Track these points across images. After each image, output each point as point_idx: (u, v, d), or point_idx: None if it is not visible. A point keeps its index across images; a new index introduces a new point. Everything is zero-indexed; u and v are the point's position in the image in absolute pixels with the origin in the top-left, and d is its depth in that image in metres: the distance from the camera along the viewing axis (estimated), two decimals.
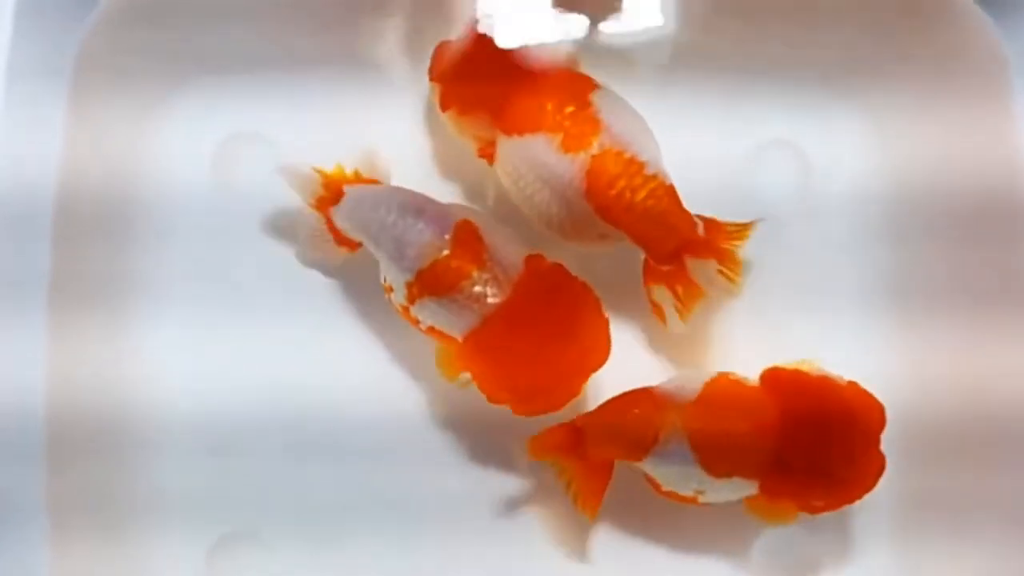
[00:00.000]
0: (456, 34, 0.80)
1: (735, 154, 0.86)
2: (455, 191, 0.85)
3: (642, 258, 0.78)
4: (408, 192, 0.79)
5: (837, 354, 0.79)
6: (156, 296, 0.83)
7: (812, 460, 0.75)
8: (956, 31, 0.82)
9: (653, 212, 0.75)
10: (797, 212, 0.86)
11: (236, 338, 0.83)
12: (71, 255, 0.79)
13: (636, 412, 0.76)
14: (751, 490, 0.76)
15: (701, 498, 0.77)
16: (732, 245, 0.76)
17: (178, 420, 0.82)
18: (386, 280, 0.77)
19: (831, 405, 0.75)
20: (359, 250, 0.80)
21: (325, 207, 0.80)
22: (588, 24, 0.85)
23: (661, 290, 0.78)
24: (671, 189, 0.76)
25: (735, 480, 0.75)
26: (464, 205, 0.82)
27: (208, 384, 0.82)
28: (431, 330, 0.76)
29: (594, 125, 0.76)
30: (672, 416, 0.75)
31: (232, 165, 0.85)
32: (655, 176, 0.76)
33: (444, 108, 0.79)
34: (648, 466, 0.76)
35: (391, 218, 0.76)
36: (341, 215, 0.79)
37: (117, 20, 0.80)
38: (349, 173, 0.80)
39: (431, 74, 0.80)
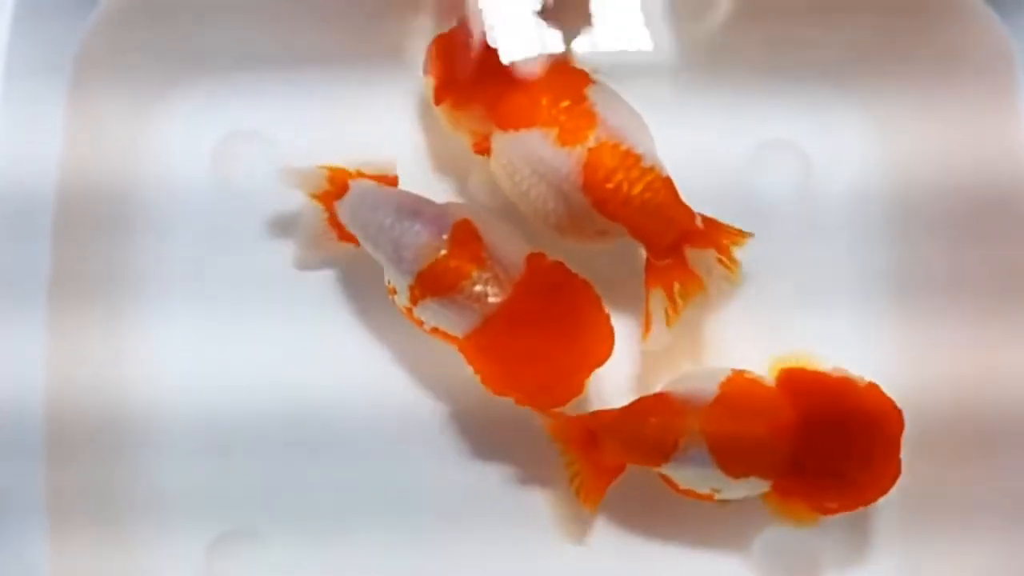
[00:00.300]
0: (451, 29, 0.80)
1: (737, 153, 0.86)
2: (455, 188, 0.85)
3: (641, 256, 0.78)
4: (405, 194, 0.79)
5: (838, 351, 0.78)
6: (155, 294, 0.84)
7: (828, 461, 0.75)
8: (961, 28, 0.82)
9: (651, 205, 0.75)
10: (798, 211, 0.86)
11: (236, 336, 0.83)
12: (71, 253, 0.79)
13: (655, 421, 0.75)
14: (766, 488, 0.75)
15: (717, 495, 0.76)
16: (729, 240, 0.76)
17: (178, 417, 0.82)
18: (390, 282, 0.77)
19: (849, 407, 0.75)
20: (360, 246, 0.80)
21: (330, 201, 0.79)
22: (588, 23, 0.85)
23: (658, 297, 0.77)
24: (668, 181, 0.76)
25: (752, 480, 0.75)
26: (463, 204, 0.82)
27: (208, 381, 0.82)
28: (435, 331, 0.76)
29: (590, 119, 0.75)
30: (691, 421, 0.75)
31: (232, 163, 0.85)
32: (652, 168, 0.75)
33: (438, 102, 0.79)
34: (667, 469, 0.76)
35: (388, 220, 0.76)
36: (345, 209, 0.79)
37: (117, 18, 0.80)
38: (352, 170, 0.80)
39: (425, 69, 0.80)
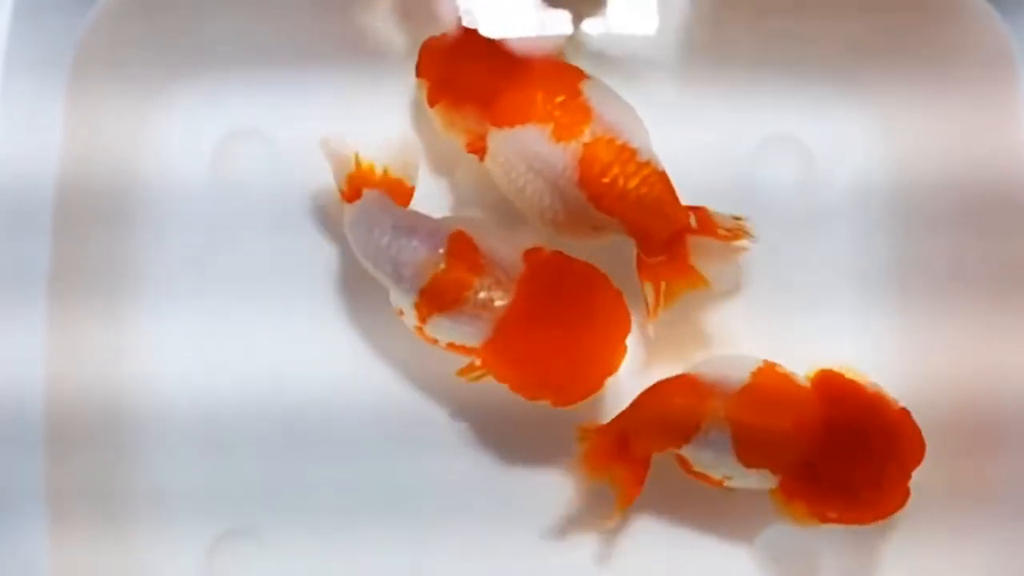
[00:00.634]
0: (445, 29, 0.81)
1: (739, 148, 0.86)
2: (454, 186, 0.85)
3: (635, 253, 0.78)
4: (400, 212, 0.78)
5: (839, 345, 0.79)
6: (155, 291, 0.84)
7: (840, 472, 0.74)
8: (962, 25, 0.81)
9: (646, 200, 0.75)
10: (800, 205, 0.86)
11: (235, 332, 0.83)
12: (70, 249, 0.79)
13: (679, 401, 0.75)
14: (775, 483, 0.75)
15: (728, 483, 0.76)
16: (725, 231, 0.76)
17: (178, 414, 0.82)
18: (396, 304, 0.77)
19: (876, 424, 0.75)
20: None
21: (344, 200, 0.79)
22: (589, 19, 0.85)
23: (647, 285, 0.77)
24: (664, 176, 0.76)
25: (764, 472, 0.75)
26: (457, 216, 0.82)
27: (207, 378, 0.82)
28: (451, 346, 0.76)
29: (585, 113, 0.75)
30: (716, 404, 0.74)
31: (231, 160, 0.85)
32: (648, 163, 0.75)
33: (432, 103, 0.79)
34: (685, 450, 0.76)
35: (386, 240, 0.76)
36: (348, 223, 0.78)
37: (116, 14, 0.81)
38: (379, 171, 0.79)
39: (418, 71, 0.80)
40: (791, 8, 0.85)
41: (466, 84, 0.78)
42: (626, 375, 0.77)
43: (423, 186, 0.81)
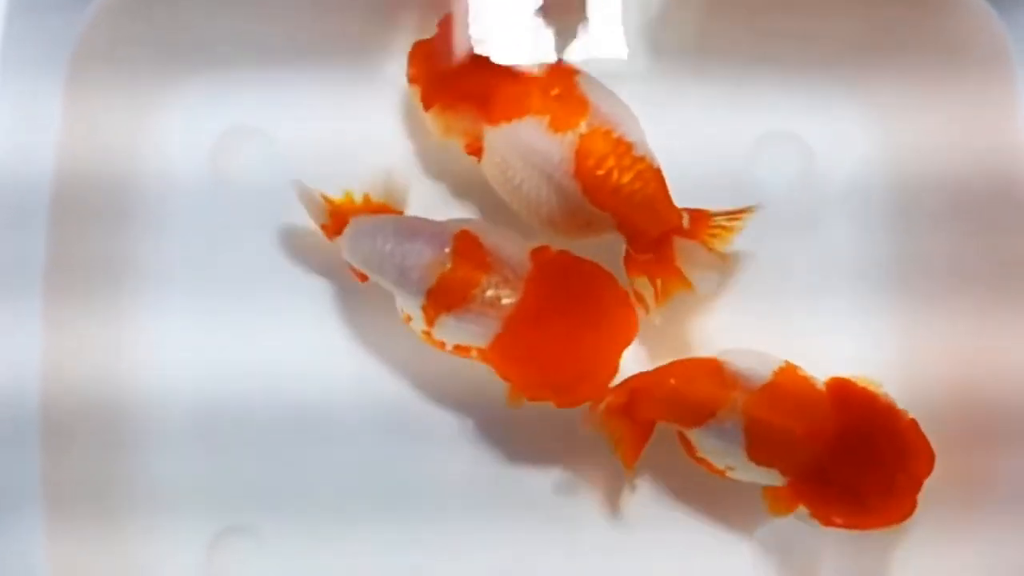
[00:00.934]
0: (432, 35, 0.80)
1: (737, 144, 0.86)
2: (454, 182, 0.84)
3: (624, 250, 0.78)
4: (402, 217, 0.78)
5: (838, 341, 0.79)
6: (154, 288, 0.83)
7: (851, 478, 0.74)
8: (959, 21, 0.82)
9: (639, 195, 0.75)
10: (799, 202, 0.85)
11: (233, 330, 0.83)
12: (68, 246, 0.79)
13: (701, 384, 0.75)
14: (778, 481, 0.75)
15: (730, 473, 0.77)
16: (719, 235, 0.76)
17: (175, 411, 0.82)
18: (402, 310, 0.77)
19: (888, 434, 0.75)
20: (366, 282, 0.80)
21: (330, 236, 0.79)
22: (586, 15, 0.85)
23: (642, 281, 0.77)
24: (658, 174, 0.76)
25: (771, 471, 0.75)
26: (458, 219, 0.81)
27: (205, 375, 0.82)
28: (458, 349, 0.76)
29: (581, 105, 0.75)
30: (735, 396, 0.74)
31: (230, 157, 0.85)
32: (643, 159, 0.75)
33: (427, 107, 0.79)
34: (694, 434, 0.76)
35: (389, 246, 0.76)
36: (345, 249, 0.78)
37: (115, 11, 0.80)
38: (358, 199, 0.79)
39: (409, 77, 0.80)
40: (789, 5, 0.85)
41: (460, 83, 0.78)
42: (624, 371, 0.76)
43: (416, 194, 0.81)
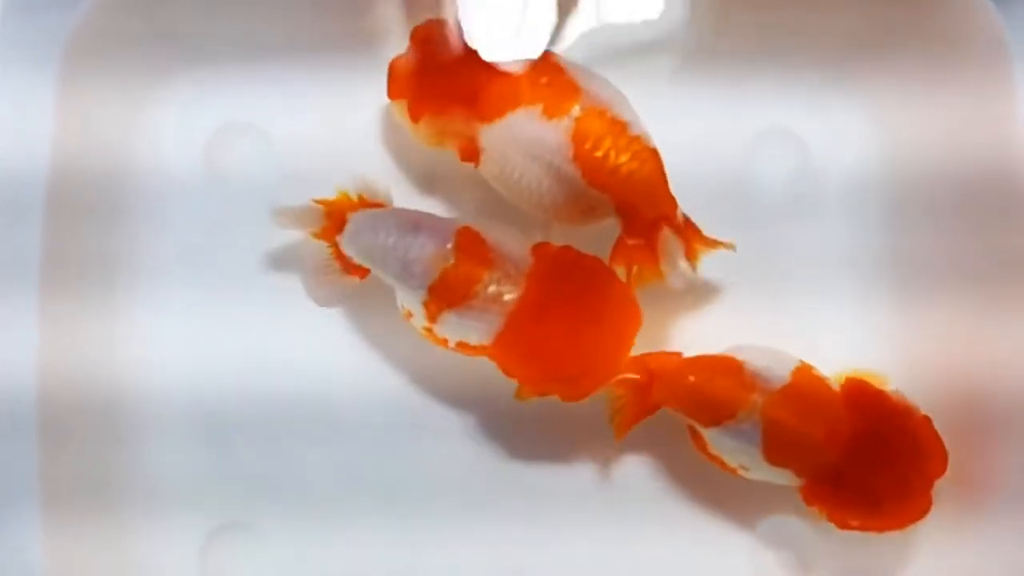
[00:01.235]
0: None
1: (735, 142, 0.86)
2: (452, 179, 0.84)
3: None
4: (404, 211, 0.78)
5: (835, 337, 0.79)
6: (149, 284, 0.83)
7: (866, 482, 0.74)
8: (957, 17, 0.82)
9: (637, 176, 0.75)
10: (795, 198, 0.85)
11: (229, 325, 0.82)
12: (63, 242, 0.78)
13: (721, 384, 0.75)
14: (792, 482, 0.75)
15: (743, 472, 0.76)
16: (697, 248, 0.77)
17: (173, 406, 0.82)
18: (403, 306, 0.76)
19: (902, 434, 0.75)
20: (368, 277, 0.79)
21: (331, 236, 0.79)
22: (585, 15, 0.86)
23: (620, 269, 0.77)
24: (655, 154, 0.76)
25: (786, 472, 0.75)
26: (458, 217, 0.81)
27: (202, 371, 0.82)
28: (460, 346, 0.75)
29: (572, 89, 0.76)
30: (755, 398, 0.74)
31: (225, 153, 0.85)
32: (639, 138, 0.75)
33: (416, 119, 0.78)
34: (710, 433, 0.75)
35: (392, 240, 0.75)
36: (347, 242, 0.78)
37: (109, 8, 0.80)
38: (353, 198, 0.79)
39: (391, 93, 0.80)
40: (787, 2, 0.85)
41: (447, 88, 0.78)
42: None
43: (434, 177, 0.82)
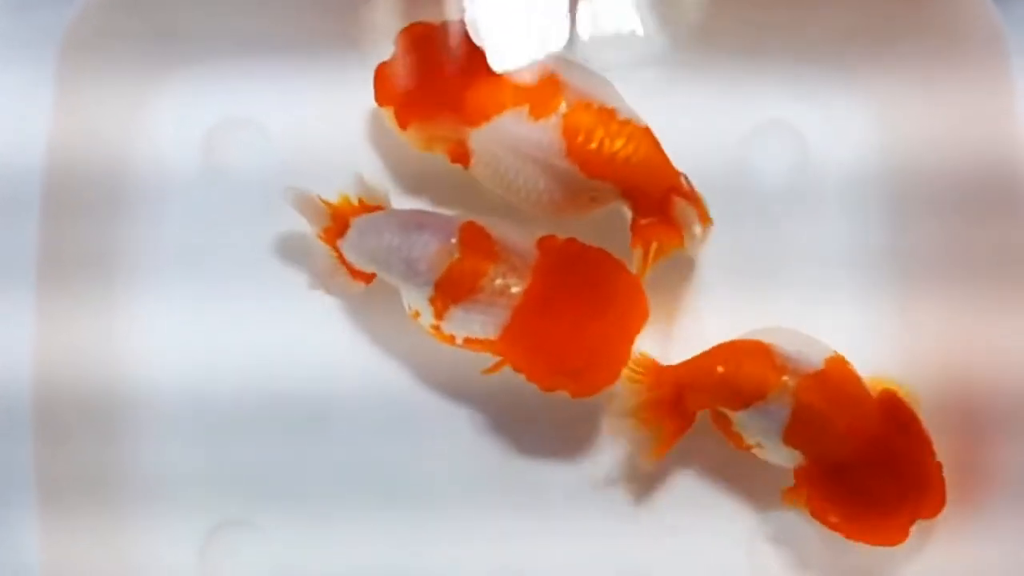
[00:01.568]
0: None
1: (733, 134, 0.86)
2: (452, 173, 0.83)
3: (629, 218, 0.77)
4: (406, 211, 0.78)
5: (835, 331, 0.77)
6: (147, 279, 0.83)
7: (862, 488, 0.74)
8: (955, 11, 0.81)
9: (635, 157, 0.75)
10: (794, 191, 0.85)
11: (228, 320, 0.82)
12: (61, 238, 0.78)
13: (751, 368, 0.74)
14: (796, 464, 0.75)
15: (756, 451, 0.76)
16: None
17: (171, 402, 0.81)
18: (410, 306, 0.76)
19: (915, 465, 0.75)
20: (376, 284, 0.79)
21: (333, 239, 0.79)
22: (582, 9, 0.86)
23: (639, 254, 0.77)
24: (648, 132, 0.76)
25: (796, 453, 0.74)
26: (461, 215, 0.81)
27: (200, 367, 0.82)
28: (468, 342, 0.75)
29: (556, 86, 0.76)
30: (787, 380, 0.73)
31: (223, 148, 0.85)
32: (629, 121, 0.76)
33: (404, 126, 0.79)
34: (738, 415, 0.75)
35: (396, 240, 0.76)
36: (349, 248, 0.78)
37: (106, 4, 0.80)
38: (354, 202, 0.79)
39: (378, 99, 0.80)
40: None
41: (431, 96, 0.78)
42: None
43: (432, 174, 0.82)
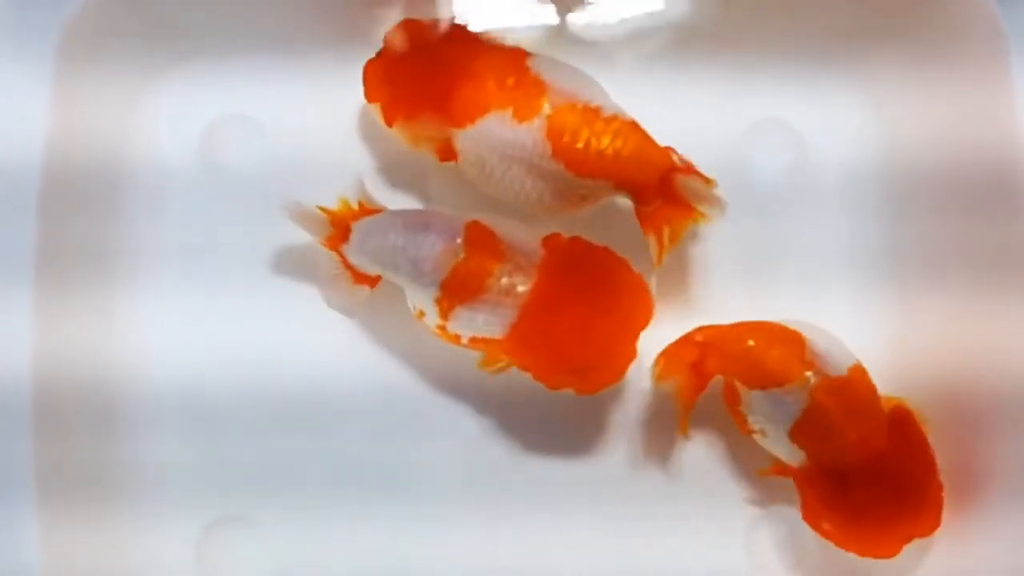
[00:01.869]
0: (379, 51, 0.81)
1: (732, 132, 0.85)
2: (451, 169, 0.82)
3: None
4: (410, 212, 0.78)
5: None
6: (144, 276, 0.82)
7: (861, 499, 0.73)
8: (955, 9, 0.81)
9: (624, 152, 0.74)
10: (792, 188, 0.85)
11: (225, 316, 0.82)
12: (59, 234, 0.78)
13: (780, 352, 0.74)
14: (797, 462, 0.75)
15: (757, 437, 0.76)
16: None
17: (169, 398, 0.81)
18: (415, 306, 0.75)
19: (916, 485, 0.74)
20: (379, 285, 0.78)
21: (336, 245, 0.78)
22: (580, 6, 0.86)
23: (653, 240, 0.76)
24: (634, 125, 0.75)
25: (799, 452, 0.74)
26: (464, 213, 0.80)
27: (198, 363, 0.81)
28: (473, 341, 0.74)
29: (539, 88, 0.75)
30: (809, 376, 0.73)
31: (220, 145, 0.85)
32: (615, 117, 0.75)
33: (390, 123, 0.79)
34: (752, 394, 0.75)
35: (401, 241, 0.75)
36: (353, 252, 0.77)
37: (103, 1, 0.80)
38: (354, 206, 0.79)
39: (366, 95, 0.80)
40: None
41: (416, 95, 0.78)
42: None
43: (431, 171, 0.82)
